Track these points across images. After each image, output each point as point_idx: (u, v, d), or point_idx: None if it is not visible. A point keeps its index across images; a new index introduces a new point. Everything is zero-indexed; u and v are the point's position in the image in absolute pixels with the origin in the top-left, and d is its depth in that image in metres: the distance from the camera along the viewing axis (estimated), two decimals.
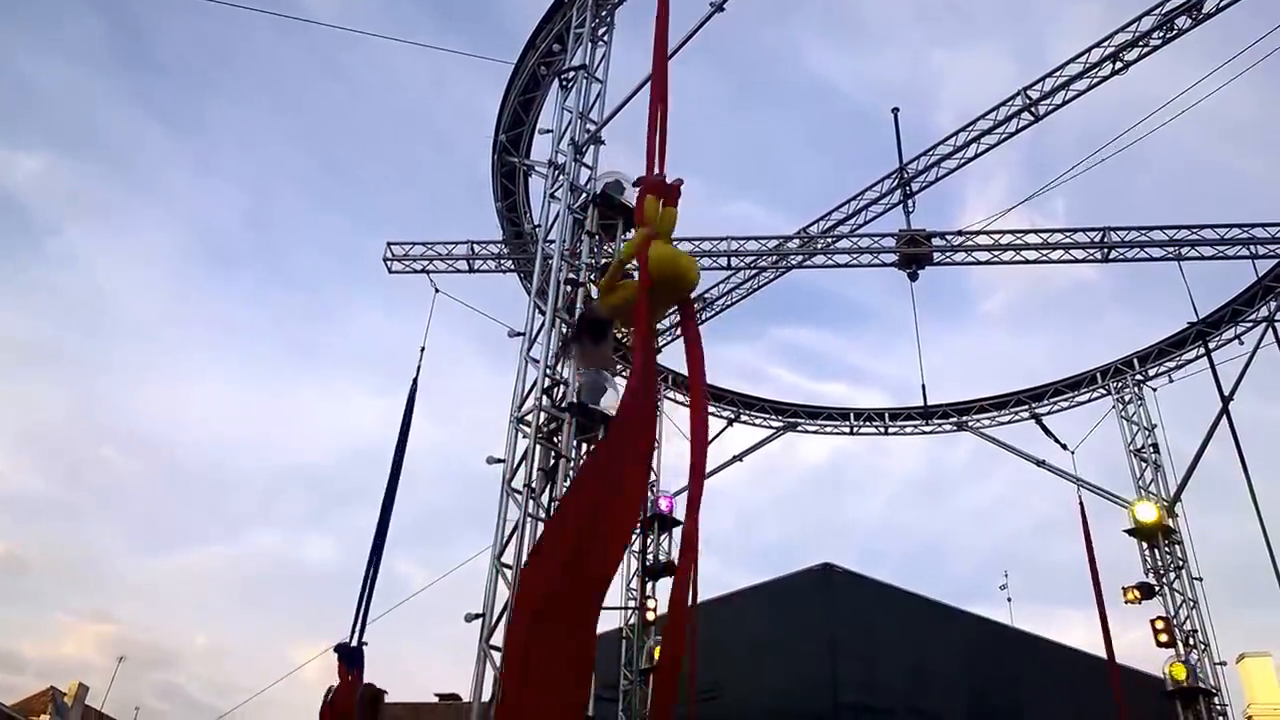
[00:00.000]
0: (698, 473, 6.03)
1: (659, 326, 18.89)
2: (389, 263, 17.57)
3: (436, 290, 15.47)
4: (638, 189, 7.71)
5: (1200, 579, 17.44)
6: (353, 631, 12.14)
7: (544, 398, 10.38)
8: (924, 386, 18.56)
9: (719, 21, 11.74)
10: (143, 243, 55.60)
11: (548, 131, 12.67)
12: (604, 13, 13.34)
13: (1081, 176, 16.39)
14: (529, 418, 10.31)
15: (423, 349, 14.37)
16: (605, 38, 13.27)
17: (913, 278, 17.03)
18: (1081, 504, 16.46)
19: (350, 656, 11.89)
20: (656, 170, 7.60)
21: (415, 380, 14.16)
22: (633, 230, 8.44)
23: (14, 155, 51.28)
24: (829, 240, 17.48)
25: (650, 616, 16.75)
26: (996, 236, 17.11)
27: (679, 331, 18.66)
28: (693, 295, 8.02)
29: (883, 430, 21.16)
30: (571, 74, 12.76)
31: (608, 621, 17.02)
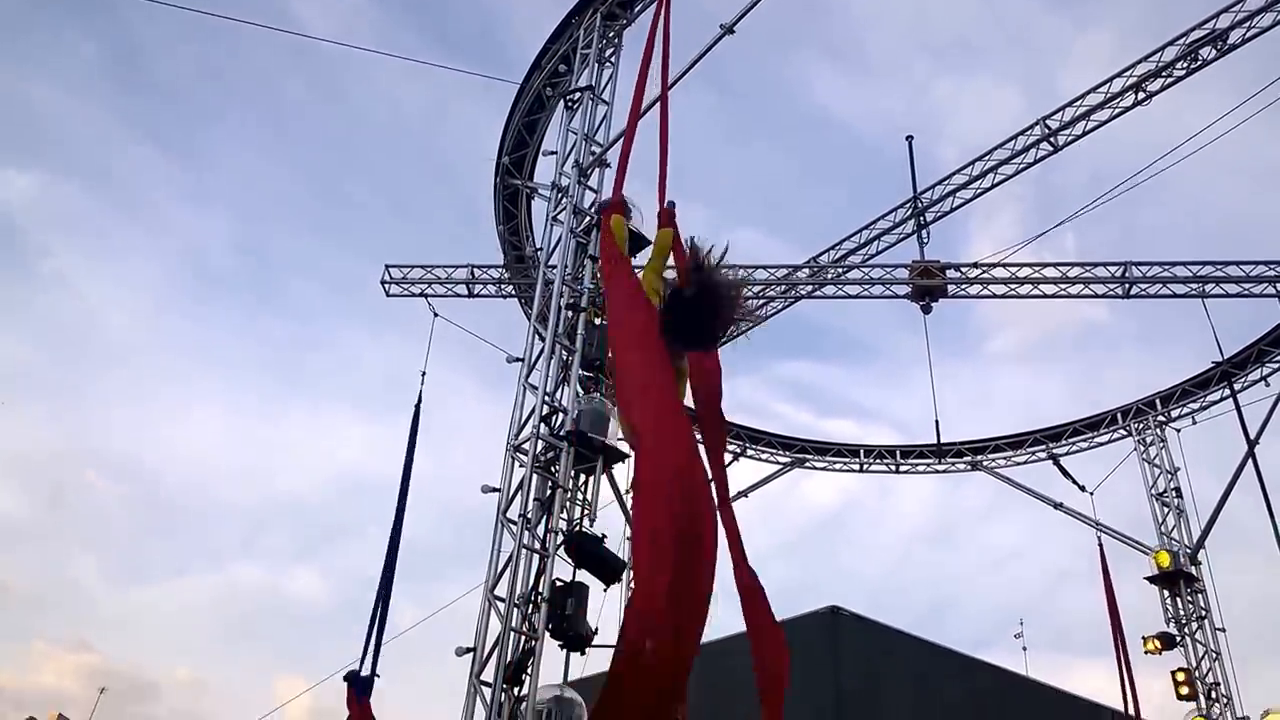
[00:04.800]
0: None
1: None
2: (387, 285, 17.25)
3: (435, 314, 15.12)
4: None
5: (1224, 630, 16.82)
6: (363, 660, 11.82)
7: (542, 425, 10.00)
8: (937, 422, 18.06)
9: (722, 49, 11.42)
10: (132, 266, 55.39)
11: (552, 154, 12.41)
12: (611, 34, 13.10)
13: (1091, 212, 16.00)
14: (526, 446, 9.93)
15: (424, 373, 14.04)
16: (613, 59, 13.02)
17: (926, 310, 16.61)
18: (1101, 548, 15.88)
19: (363, 684, 11.58)
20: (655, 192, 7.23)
21: (418, 406, 13.82)
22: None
23: (6, 174, 51.28)
24: (840, 270, 17.07)
25: None
26: (1013, 269, 16.67)
27: None
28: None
29: (894, 468, 20.60)
30: (577, 95, 12.49)
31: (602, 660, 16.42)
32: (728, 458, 19.88)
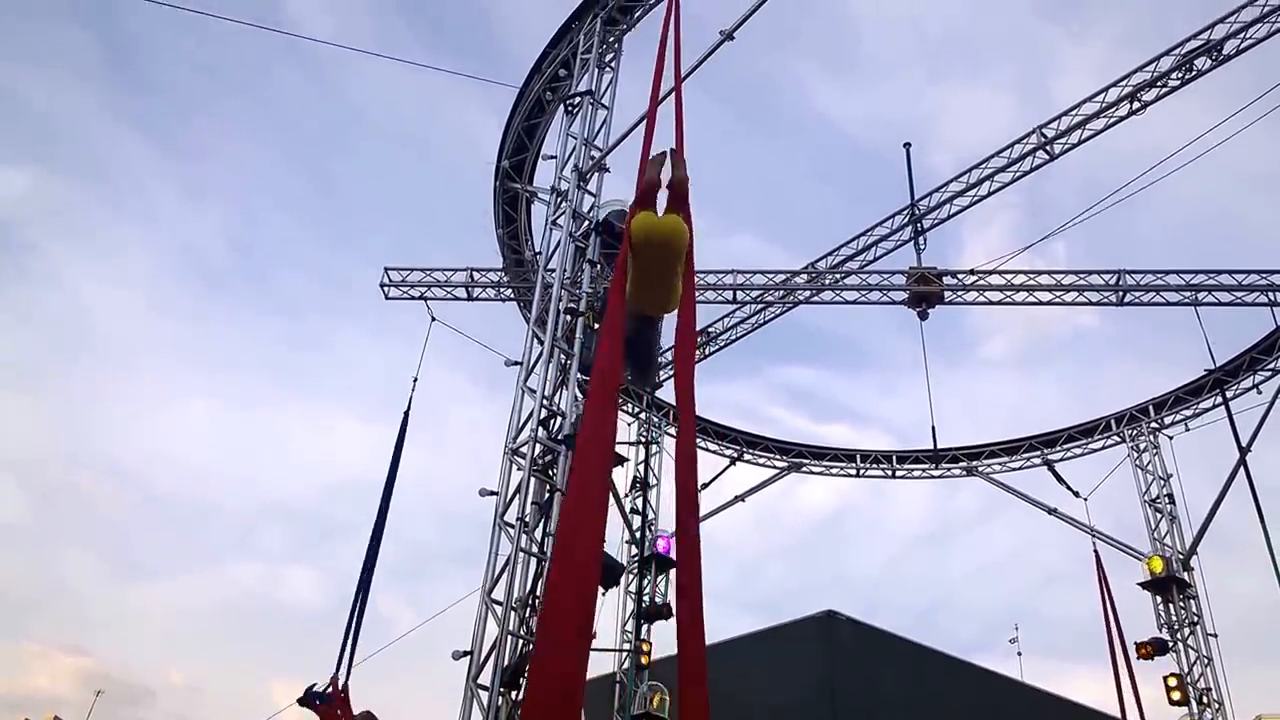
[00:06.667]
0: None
1: (660, 360, 18.53)
2: (386, 288, 17.26)
3: (434, 318, 15.13)
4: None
5: (1216, 635, 16.88)
6: (337, 669, 11.70)
7: (540, 429, 10.04)
8: (933, 428, 18.12)
9: (721, 55, 11.52)
10: (125, 263, 55.12)
11: (552, 158, 12.46)
12: (612, 39, 13.17)
13: (1081, 223, 16.05)
14: (524, 449, 9.97)
15: (415, 379, 13.98)
16: (612, 64, 13.10)
17: (923, 316, 16.66)
18: (1098, 556, 15.95)
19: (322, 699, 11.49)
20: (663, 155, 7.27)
21: (406, 412, 13.72)
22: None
23: None
24: (837, 276, 17.14)
25: (645, 660, 16.24)
26: (1009, 276, 16.75)
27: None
28: (697, 327, 7.66)
29: (890, 473, 20.67)
30: (577, 100, 12.55)
31: (601, 665, 16.49)
32: (724, 461, 20.07)
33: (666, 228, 6.67)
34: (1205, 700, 16.37)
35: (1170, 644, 16.92)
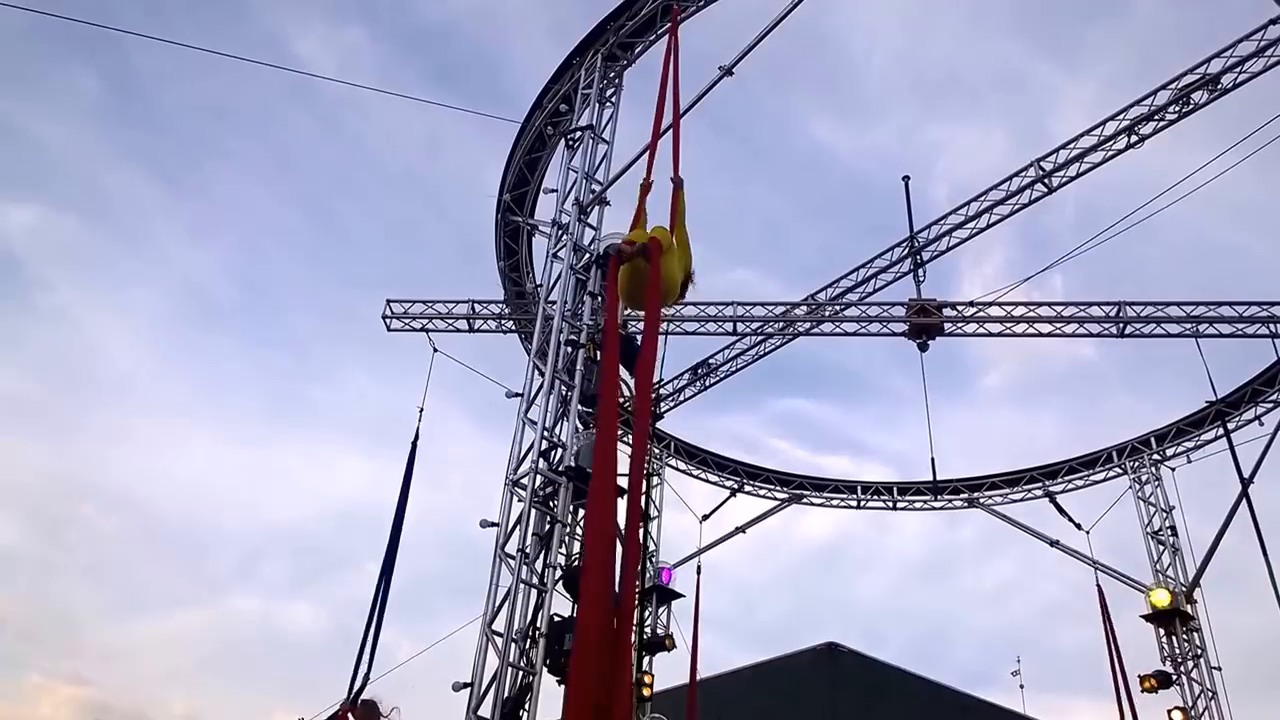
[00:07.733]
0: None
1: (663, 391, 18.60)
2: (388, 320, 17.33)
3: (435, 349, 15.21)
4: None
5: (1220, 669, 16.77)
6: (350, 690, 11.68)
7: (541, 460, 10.09)
8: (933, 460, 18.05)
9: (719, 89, 11.71)
10: (131, 298, 55.22)
11: (552, 191, 12.62)
12: (612, 74, 13.36)
13: (1077, 255, 16.09)
14: (525, 480, 10.01)
15: (421, 409, 14.06)
16: (613, 99, 13.28)
17: (923, 348, 16.65)
18: (1100, 590, 15.89)
19: None
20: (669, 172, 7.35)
21: (414, 443, 13.79)
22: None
23: (5, 207, 51.13)
24: (838, 308, 17.20)
25: (646, 692, 16.17)
26: (1009, 308, 16.80)
27: (681, 397, 18.41)
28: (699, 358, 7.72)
29: (891, 504, 20.60)
30: (578, 134, 12.71)
31: None
32: (724, 493, 20.06)
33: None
34: None
35: (1174, 677, 16.82)
